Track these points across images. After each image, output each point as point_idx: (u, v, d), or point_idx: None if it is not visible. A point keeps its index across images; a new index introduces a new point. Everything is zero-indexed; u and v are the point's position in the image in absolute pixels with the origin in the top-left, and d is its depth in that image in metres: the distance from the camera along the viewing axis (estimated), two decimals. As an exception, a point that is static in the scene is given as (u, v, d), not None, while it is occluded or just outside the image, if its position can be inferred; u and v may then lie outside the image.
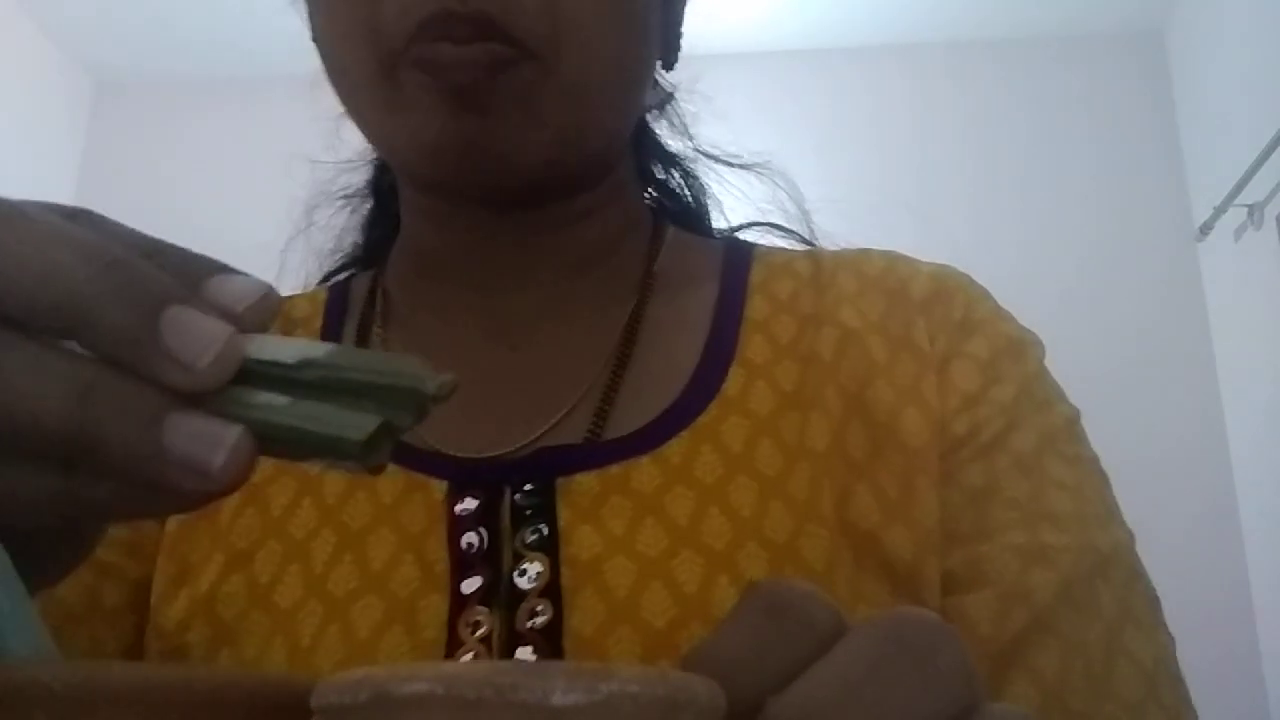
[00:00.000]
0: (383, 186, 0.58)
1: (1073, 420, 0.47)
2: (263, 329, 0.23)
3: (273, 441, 0.21)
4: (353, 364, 0.22)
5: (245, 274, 0.23)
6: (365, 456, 0.21)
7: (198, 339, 0.21)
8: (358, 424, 0.21)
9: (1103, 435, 0.47)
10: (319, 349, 0.22)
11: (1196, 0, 2.65)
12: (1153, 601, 0.43)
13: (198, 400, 0.21)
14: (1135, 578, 0.43)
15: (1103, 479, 0.46)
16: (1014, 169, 2.76)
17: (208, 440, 0.21)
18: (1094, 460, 0.46)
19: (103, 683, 0.18)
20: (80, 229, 0.22)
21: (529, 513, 0.41)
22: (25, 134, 2.84)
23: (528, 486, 0.42)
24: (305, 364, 0.22)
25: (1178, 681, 0.42)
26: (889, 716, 0.20)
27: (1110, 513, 0.45)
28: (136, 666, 0.18)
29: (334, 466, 0.22)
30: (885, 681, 0.21)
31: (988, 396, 0.45)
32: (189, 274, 0.22)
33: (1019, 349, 0.47)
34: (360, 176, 0.60)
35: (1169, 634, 0.43)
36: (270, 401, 0.21)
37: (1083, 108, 2.78)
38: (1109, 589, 0.42)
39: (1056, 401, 0.47)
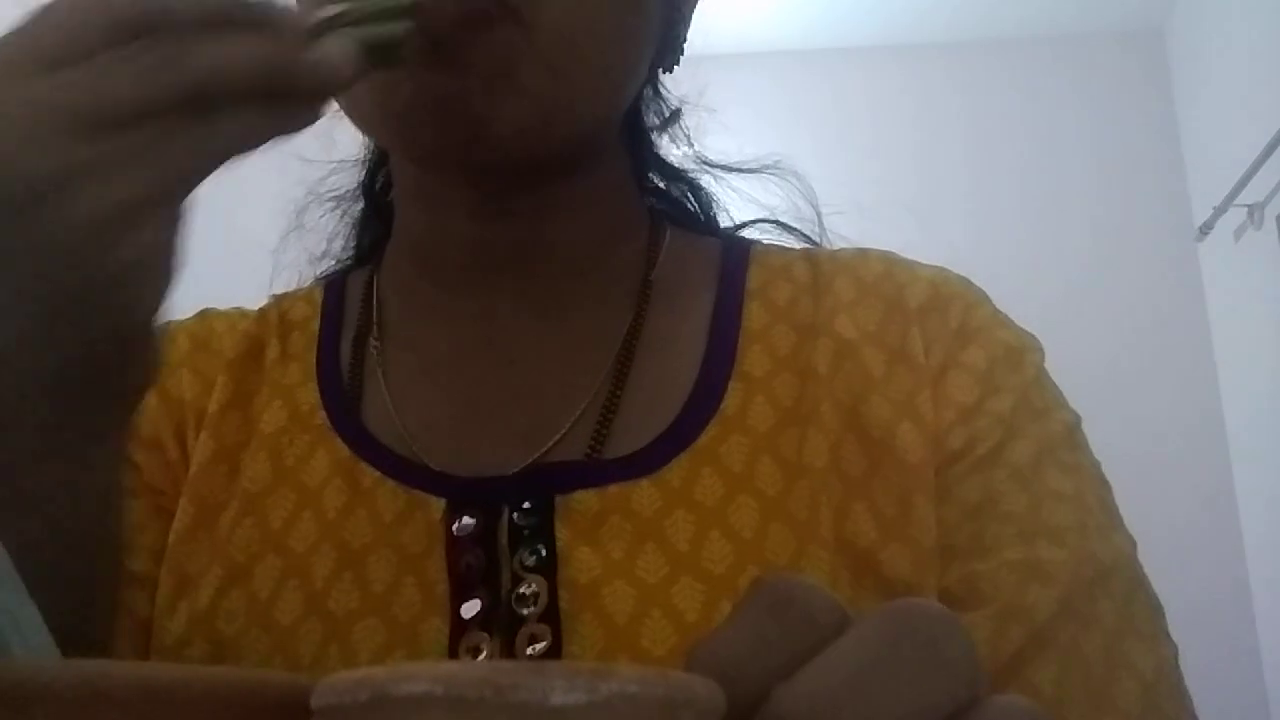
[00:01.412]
0: (374, 188, 0.58)
1: (1073, 427, 0.46)
2: None
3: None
4: None
5: None
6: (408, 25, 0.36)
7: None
8: None
9: (1102, 435, 0.47)
10: None
11: (1196, 0, 2.65)
12: (1155, 611, 0.43)
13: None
14: (1137, 588, 0.43)
15: (1104, 486, 0.45)
16: (1014, 169, 2.76)
17: (338, 42, 0.33)
18: (1095, 467, 0.46)
19: (103, 683, 0.18)
20: None
21: (527, 532, 0.41)
22: (25, 134, 2.83)
23: (526, 505, 0.42)
24: None
25: (1180, 693, 0.41)
26: (894, 704, 0.20)
27: (1111, 521, 0.44)
28: (136, 666, 0.18)
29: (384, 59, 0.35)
30: (890, 669, 0.21)
31: (984, 408, 0.44)
32: None
33: (1017, 357, 0.46)
34: (351, 178, 0.59)
35: (1172, 644, 0.42)
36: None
37: (1083, 107, 2.78)
38: (1109, 600, 0.41)
39: (1056, 409, 0.46)
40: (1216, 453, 2.54)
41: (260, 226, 0.69)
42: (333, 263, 0.58)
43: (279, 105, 0.32)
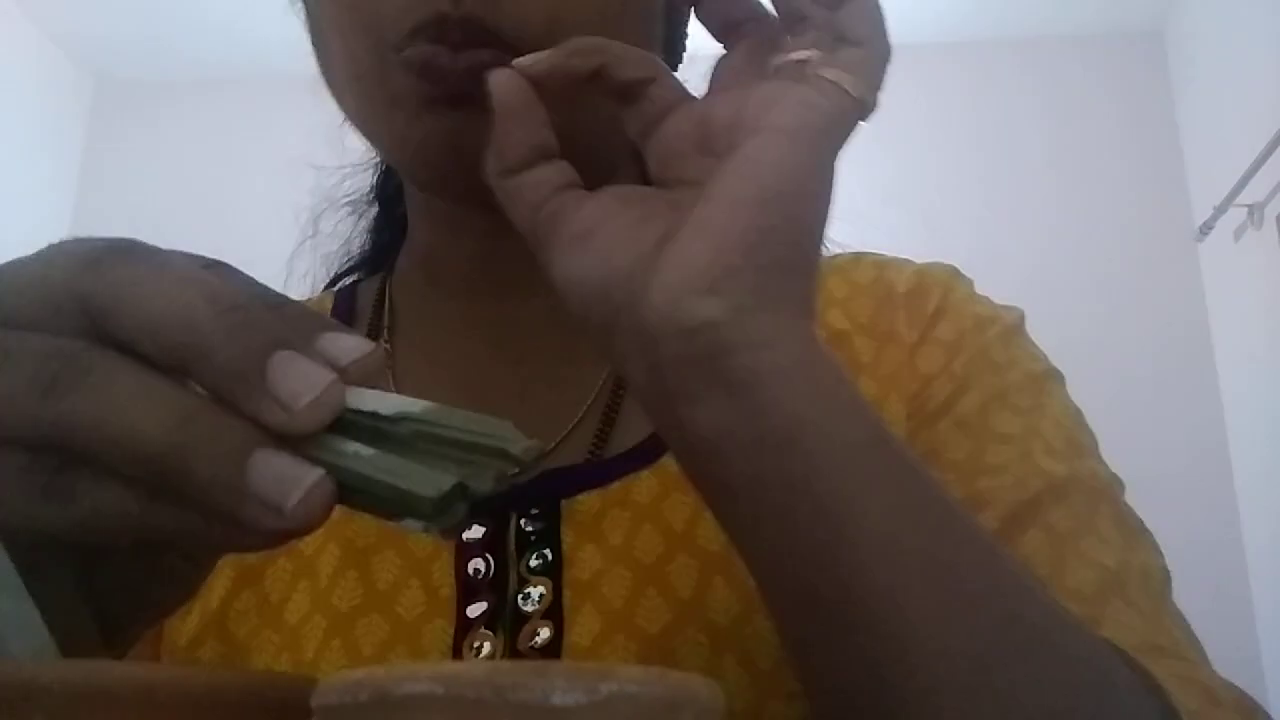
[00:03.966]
0: (388, 191, 0.58)
1: (1039, 376, 0.46)
2: (364, 384, 0.23)
3: (351, 491, 0.22)
4: (446, 422, 0.22)
5: (354, 333, 0.24)
6: (436, 517, 0.21)
7: (300, 382, 0.22)
8: (433, 482, 0.21)
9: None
10: (416, 405, 0.23)
11: (1196, 0, 2.65)
12: (1128, 527, 0.42)
13: (290, 442, 0.22)
14: (1103, 502, 0.42)
15: (1075, 425, 0.45)
16: (1013, 169, 2.75)
17: (287, 480, 0.21)
18: (1065, 412, 0.45)
19: (103, 683, 0.18)
20: (213, 277, 0.23)
21: (534, 537, 0.42)
22: (25, 134, 2.84)
23: (533, 511, 0.42)
24: (400, 418, 0.22)
25: (1156, 595, 0.40)
26: None
27: (1076, 450, 0.44)
28: (136, 666, 0.18)
29: (407, 526, 0.22)
30: None
31: (944, 371, 0.45)
32: (304, 328, 0.23)
33: (983, 324, 0.47)
34: (365, 181, 0.59)
35: (1157, 558, 0.41)
36: (357, 451, 0.22)
37: (1083, 108, 2.78)
38: (1063, 508, 0.41)
39: (1022, 362, 0.46)
40: (1216, 453, 2.54)
41: (268, 229, 0.69)
42: (349, 261, 0.59)
43: (166, 508, 0.22)
